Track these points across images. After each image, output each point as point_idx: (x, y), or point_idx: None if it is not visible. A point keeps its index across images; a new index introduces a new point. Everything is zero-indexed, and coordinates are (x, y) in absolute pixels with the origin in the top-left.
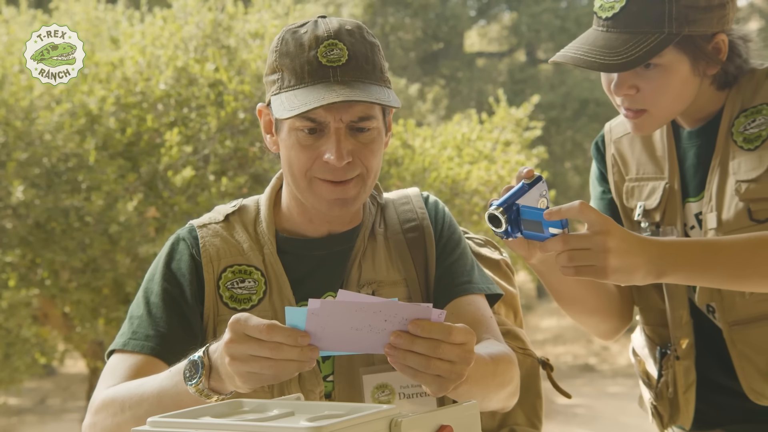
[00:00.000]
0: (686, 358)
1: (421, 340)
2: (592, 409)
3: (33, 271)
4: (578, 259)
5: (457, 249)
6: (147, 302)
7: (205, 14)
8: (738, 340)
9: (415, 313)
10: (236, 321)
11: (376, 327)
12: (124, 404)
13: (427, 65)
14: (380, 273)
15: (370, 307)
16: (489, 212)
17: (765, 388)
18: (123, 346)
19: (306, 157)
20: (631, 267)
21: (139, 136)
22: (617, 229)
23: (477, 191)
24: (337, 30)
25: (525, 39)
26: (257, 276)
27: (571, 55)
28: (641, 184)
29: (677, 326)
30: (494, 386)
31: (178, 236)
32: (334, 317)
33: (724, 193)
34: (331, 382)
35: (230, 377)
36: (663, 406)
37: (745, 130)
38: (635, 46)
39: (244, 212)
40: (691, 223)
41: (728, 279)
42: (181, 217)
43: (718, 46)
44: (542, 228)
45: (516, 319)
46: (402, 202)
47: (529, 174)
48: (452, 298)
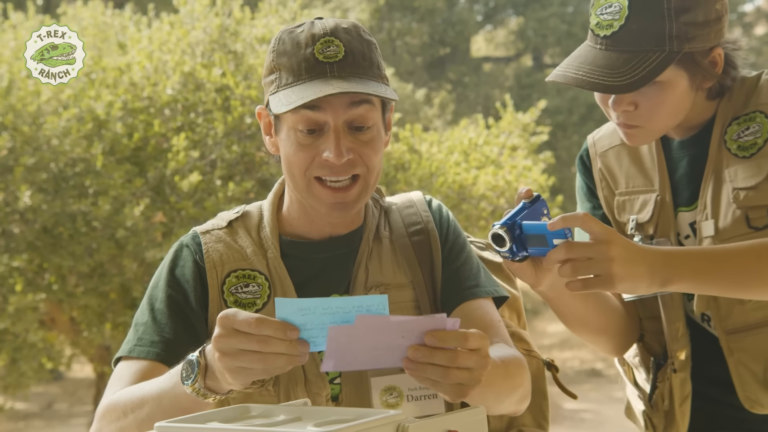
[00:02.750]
0: (683, 370)
1: (439, 351)
2: (599, 414)
3: (40, 275)
4: (582, 269)
5: (463, 253)
6: (152, 309)
7: (212, 19)
8: (735, 348)
9: (430, 324)
10: (225, 316)
11: (394, 344)
12: (126, 408)
13: (434, 70)
14: (387, 275)
15: (387, 326)
16: (492, 232)
17: (761, 397)
18: (129, 352)
19: (305, 156)
20: (636, 276)
21: (146, 141)
22: (620, 239)
23: (484, 196)
24: (334, 28)
25: (532, 44)
26: (261, 280)
27: (572, 76)
28: (632, 198)
29: (674, 339)
30: (506, 389)
31: (182, 243)
32: (353, 340)
33: (719, 201)
34: (338, 384)
35: (221, 373)
36: (658, 418)
37: (738, 137)
38: (637, 66)
39: (247, 218)
40: (685, 233)
41: (732, 286)
42: (188, 221)
43: (715, 60)
44: (546, 242)
45: (519, 322)
46: (406, 205)
47: (528, 194)
48: (460, 302)
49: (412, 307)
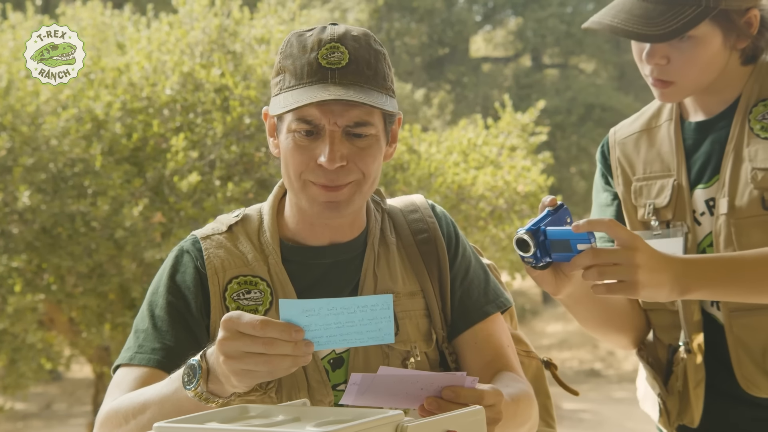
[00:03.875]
0: (697, 353)
1: (455, 406)
2: (598, 414)
3: (39, 276)
4: (608, 274)
5: (470, 268)
6: (152, 315)
7: (211, 20)
8: (736, 325)
9: (449, 380)
10: (229, 319)
11: (412, 394)
12: (128, 414)
13: (433, 70)
14: (397, 283)
15: (408, 379)
16: (517, 237)
17: (758, 378)
18: (129, 360)
19: (300, 158)
20: (658, 283)
21: (145, 141)
22: (645, 246)
23: (483, 196)
24: (342, 35)
25: (530, 44)
26: (263, 287)
27: (608, 23)
28: (649, 183)
29: (689, 321)
30: (514, 426)
31: (182, 248)
32: (374, 387)
33: (738, 179)
34: (341, 391)
35: (226, 377)
36: (672, 402)
37: (763, 118)
38: (672, 18)
39: (248, 222)
40: (701, 210)
41: (749, 294)
42: (186, 222)
43: (750, 21)
44: (571, 247)
45: (512, 322)
46: (410, 210)
47: (552, 202)
48: (471, 324)
49: (423, 315)
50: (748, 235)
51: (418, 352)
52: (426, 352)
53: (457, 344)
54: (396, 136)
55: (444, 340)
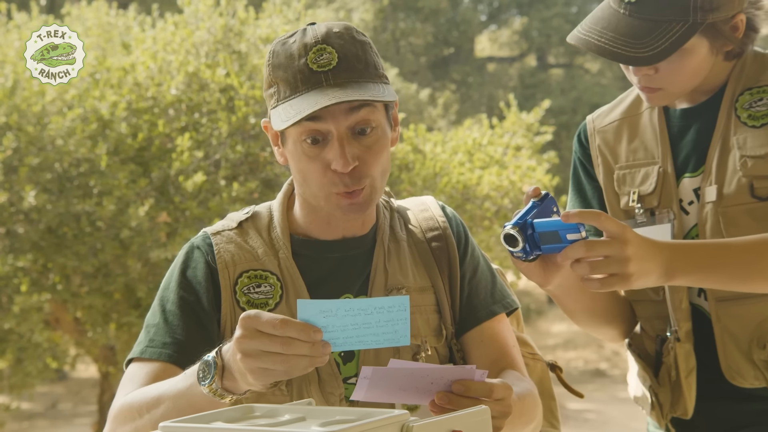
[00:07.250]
0: (686, 341)
1: (465, 399)
2: (603, 414)
3: (45, 276)
4: (600, 268)
5: (478, 268)
6: (163, 310)
7: (217, 19)
8: (723, 314)
9: (459, 374)
10: (247, 317)
11: (423, 388)
12: (141, 409)
13: (438, 70)
14: (407, 278)
15: (419, 372)
16: (504, 232)
17: (743, 367)
18: (141, 354)
19: (315, 167)
20: (648, 271)
21: (150, 141)
22: (635, 237)
23: (488, 196)
24: (325, 35)
25: (535, 44)
26: (273, 281)
27: (594, 43)
28: (632, 171)
29: (677, 308)
30: (521, 424)
31: (193, 244)
32: (384, 381)
33: (725, 168)
34: (352, 384)
35: (242, 374)
36: (664, 393)
37: (750, 107)
38: (660, 36)
39: (257, 218)
40: (688, 199)
41: (734, 281)
42: (192, 222)
43: (737, 25)
44: (560, 238)
45: (518, 326)
46: (421, 209)
47: (536, 192)
48: (477, 322)
49: (433, 311)
50: (737, 224)
51: (429, 347)
52: (436, 347)
53: (463, 342)
54: (397, 120)
55: (453, 337)
